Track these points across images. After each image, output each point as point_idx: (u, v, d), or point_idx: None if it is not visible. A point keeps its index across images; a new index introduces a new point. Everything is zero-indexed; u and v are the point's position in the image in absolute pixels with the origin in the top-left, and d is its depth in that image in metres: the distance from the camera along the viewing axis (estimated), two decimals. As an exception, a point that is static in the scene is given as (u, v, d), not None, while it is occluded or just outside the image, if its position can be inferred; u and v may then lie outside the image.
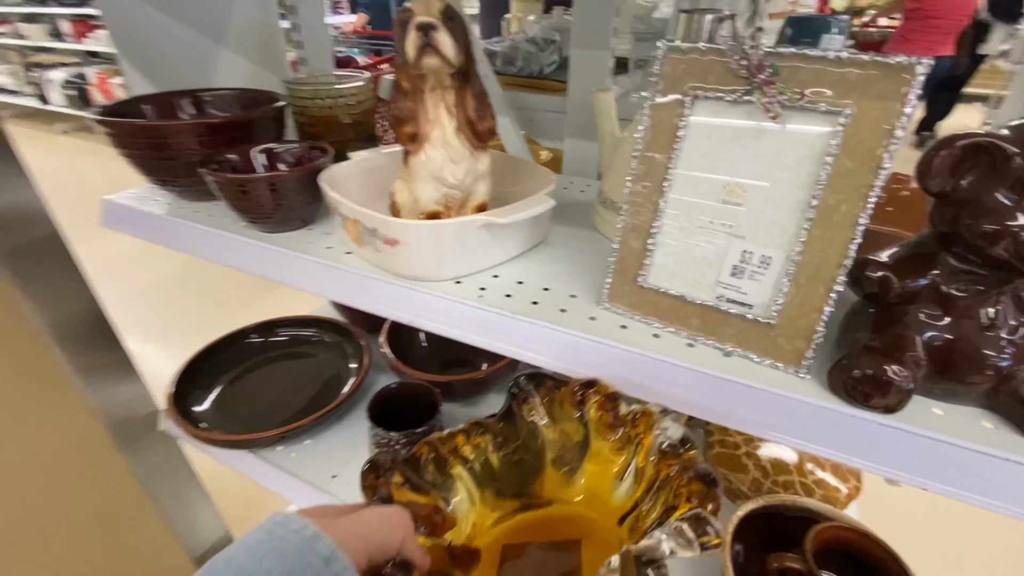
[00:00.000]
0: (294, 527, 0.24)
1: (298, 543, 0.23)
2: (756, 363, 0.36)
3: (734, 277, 0.36)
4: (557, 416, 0.37)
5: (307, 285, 0.49)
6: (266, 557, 0.22)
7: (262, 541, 0.23)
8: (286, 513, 0.25)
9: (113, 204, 0.61)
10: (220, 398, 0.76)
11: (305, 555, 0.23)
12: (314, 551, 0.23)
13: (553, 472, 0.37)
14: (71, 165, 3.78)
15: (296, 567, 0.22)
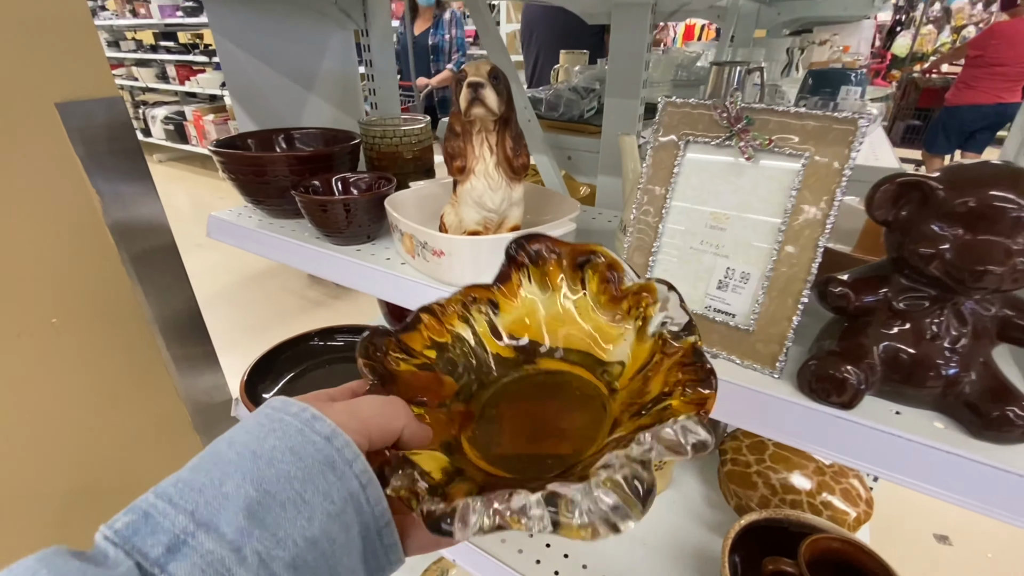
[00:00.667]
0: (293, 410, 0.24)
1: (298, 424, 0.23)
2: (738, 364, 0.42)
3: (720, 290, 0.43)
4: (552, 281, 0.34)
5: (369, 288, 0.59)
6: (268, 437, 0.22)
7: (262, 424, 0.23)
8: (283, 398, 0.25)
9: (216, 219, 0.74)
10: (284, 391, 0.87)
11: (306, 434, 0.23)
12: (314, 430, 0.23)
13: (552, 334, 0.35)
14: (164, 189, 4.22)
15: (298, 444, 0.22)
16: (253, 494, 0.20)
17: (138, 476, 0.84)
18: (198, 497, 0.20)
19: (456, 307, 0.34)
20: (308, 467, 0.22)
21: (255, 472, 0.21)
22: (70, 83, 0.63)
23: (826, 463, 0.69)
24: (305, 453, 0.22)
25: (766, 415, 0.40)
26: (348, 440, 0.23)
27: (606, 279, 0.32)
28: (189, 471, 0.22)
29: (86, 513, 0.79)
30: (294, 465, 0.22)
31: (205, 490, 0.20)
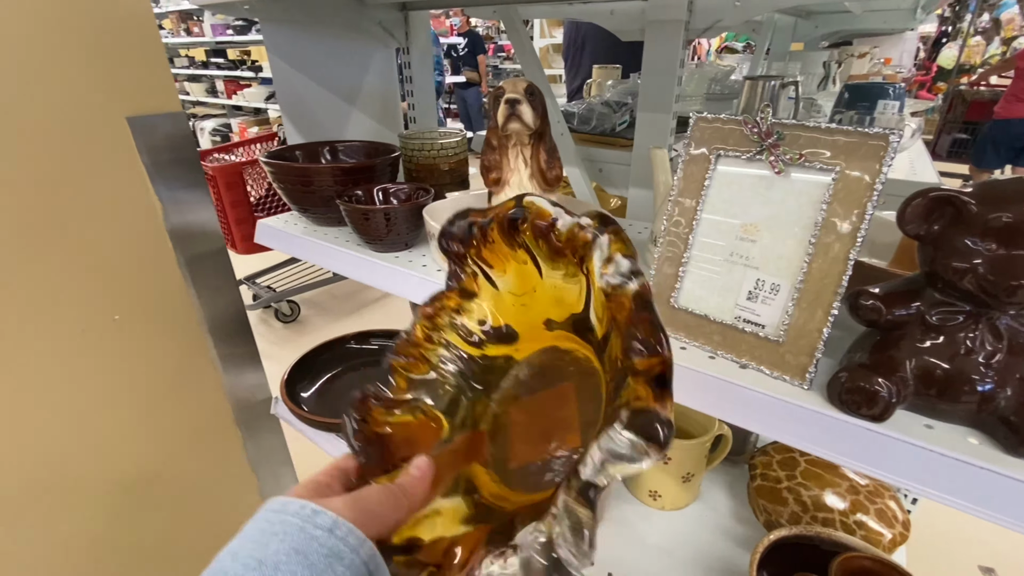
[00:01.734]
0: (292, 508, 0.24)
1: (299, 522, 0.23)
2: (767, 375, 0.43)
3: (749, 301, 0.44)
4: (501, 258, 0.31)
5: (405, 292, 0.62)
6: (270, 541, 0.23)
7: (264, 529, 0.23)
8: (282, 499, 0.25)
9: (265, 225, 0.79)
10: (320, 391, 0.90)
11: (308, 530, 0.23)
12: (316, 525, 0.23)
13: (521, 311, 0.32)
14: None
15: (302, 544, 0.22)
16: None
17: (184, 468, 0.88)
18: None
19: (423, 332, 0.33)
20: (314, 564, 0.22)
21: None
22: (140, 98, 0.68)
23: (861, 482, 0.68)
24: (310, 551, 0.22)
25: (795, 425, 0.40)
26: (351, 527, 0.24)
27: (540, 232, 0.28)
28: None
29: (140, 502, 0.84)
30: (300, 565, 0.22)
31: None
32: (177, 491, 0.89)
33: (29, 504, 0.71)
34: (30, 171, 0.62)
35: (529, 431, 0.31)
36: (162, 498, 0.87)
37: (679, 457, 0.67)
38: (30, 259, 0.65)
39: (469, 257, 0.32)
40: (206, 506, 0.94)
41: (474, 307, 0.33)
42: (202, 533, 0.95)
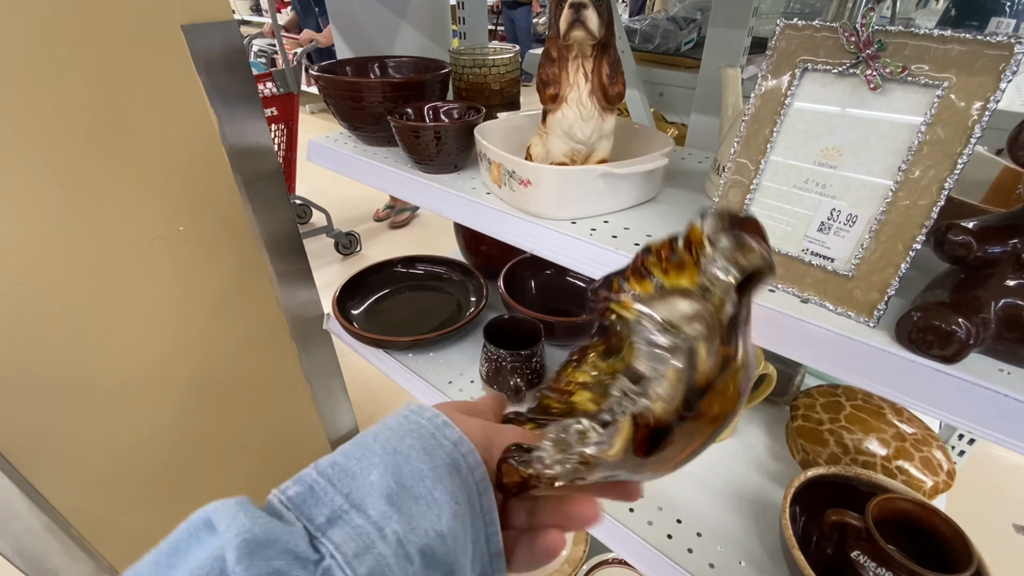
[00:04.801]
0: (427, 415, 0.27)
1: (431, 428, 0.26)
2: (830, 311, 0.41)
3: (820, 232, 0.41)
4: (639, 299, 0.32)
5: (454, 215, 0.62)
6: (406, 436, 0.25)
7: (401, 424, 0.26)
8: (420, 404, 0.28)
9: (315, 143, 0.79)
10: (369, 310, 0.94)
11: (436, 437, 0.26)
12: (444, 435, 0.26)
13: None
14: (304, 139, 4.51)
15: (430, 446, 0.25)
16: (393, 485, 0.23)
17: (247, 374, 0.95)
18: (351, 482, 0.23)
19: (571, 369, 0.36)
20: (437, 467, 0.24)
21: (395, 467, 0.24)
22: (193, 6, 0.67)
23: (908, 430, 0.66)
24: (435, 455, 0.25)
25: (857, 362, 0.39)
26: (472, 447, 0.26)
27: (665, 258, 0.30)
28: (342, 456, 0.25)
29: (210, 400, 0.92)
30: (426, 464, 0.24)
31: (356, 476, 0.23)
32: (242, 393, 0.97)
33: (120, 394, 0.79)
34: (91, 80, 0.63)
35: None
36: (229, 398, 0.95)
37: (720, 393, 0.67)
38: (101, 168, 0.68)
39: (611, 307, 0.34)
40: (267, 409, 1.03)
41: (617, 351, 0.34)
42: (264, 433, 1.05)
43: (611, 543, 0.64)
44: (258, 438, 1.04)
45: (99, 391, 0.77)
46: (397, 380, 0.85)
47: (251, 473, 1.06)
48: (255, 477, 1.07)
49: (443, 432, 0.26)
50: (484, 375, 0.77)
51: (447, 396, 0.78)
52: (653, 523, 0.63)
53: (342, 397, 1.17)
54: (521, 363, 0.73)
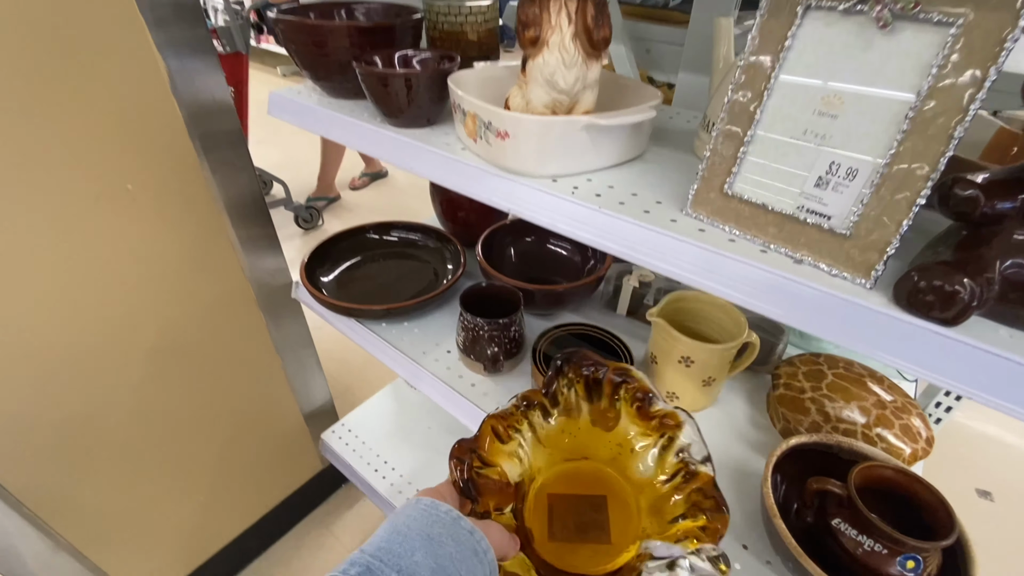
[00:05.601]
0: (443, 509, 0.32)
1: (449, 520, 0.32)
2: (824, 272, 0.38)
3: (817, 188, 0.38)
4: (594, 394, 0.42)
5: (427, 172, 0.57)
6: (433, 525, 0.31)
7: (425, 515, 0.32)
8: (430, 500, 0.33)
9: (277, 96, 0.73)
10: (339, 279, 0.89)
11: (457, 527, 0.31)
12: (461, 526, 0.32)
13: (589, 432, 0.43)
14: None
15: (454, 534, 0.31)
16: (433, 565, 0.29)
17: (209, 345, 0.91)
18: (400, 561, 0.29)
19: (514, 409, 0.41)
20: (463, 552, 0.30)
21: (431, 550, 0.29)
22: (132, -66, 0.60)
23: (888, 398, 0.66)
24: (459, 541, 0.31)
25: (852, 326, 0.36)
26: (483, 536, 0.32)
27: (638, 399, 0.40)
28: (385, 542, 0.30)
29: (175, 370, 0.87)
30: (455, 549, 0.30)
31: (403, 557, 0.29)
32: (207, 365, 0.92)
33: (70, 364, 0.74)
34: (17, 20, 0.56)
35: (566, 518, 0.39)
36: (193, 370, 0.90)
37: (703, 360, 0.65)
38: (35, 118, 0.61)
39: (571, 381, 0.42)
40: (235, 381, 0.98)
41: (554, 412, 0.42)
42: (232, 407, 1.01)
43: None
44: (226, 412, 1.00)
45: (45, 361, 0.72)
46: (370, 350, 0.81)
47: (219, 448, 1.02)
48: (223, 452, 1.03)
49: (459, 524, 0.32)
50: (461, 345, 0.74)
51: (422, 367, 0.75)
52: (633, 493, 0.62)
53: (315, 369, 1.13)
54: (499, 332, 0.70)
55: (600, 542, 0.37)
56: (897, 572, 0.47)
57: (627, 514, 0.39)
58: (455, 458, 0.37)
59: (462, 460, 0.37)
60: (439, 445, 1.15)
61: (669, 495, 0.38)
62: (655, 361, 0.70)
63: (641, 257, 0.44)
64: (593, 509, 0.39)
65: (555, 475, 0.41)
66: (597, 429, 0.42)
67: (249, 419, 1.05)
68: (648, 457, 0.40)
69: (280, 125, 3.77)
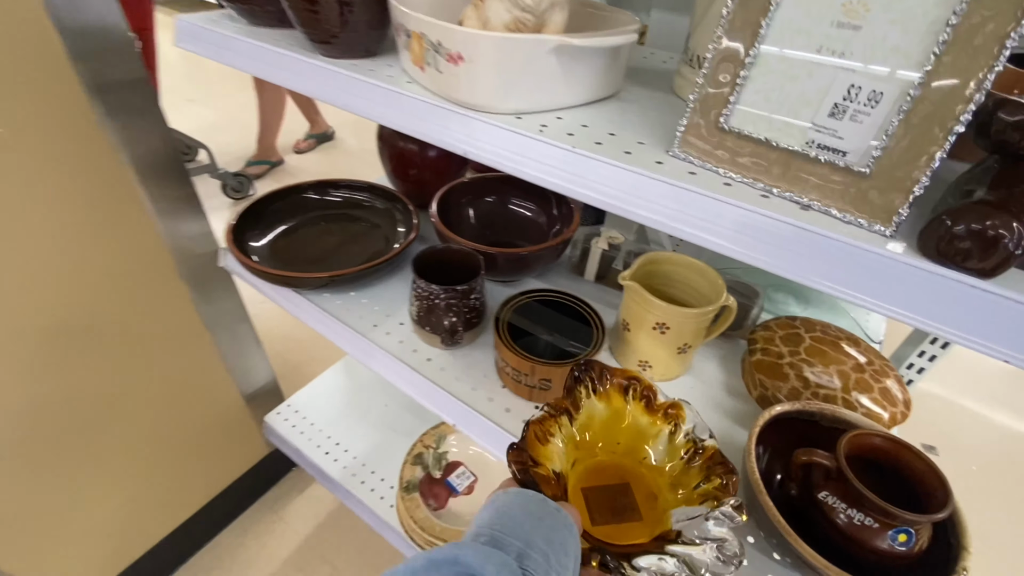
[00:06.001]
0: (530, 493, 0.35)
1: (539, 500, 0.34)
2: (836, 218, 0.33)
3: (832, 118, 0.32)
4: (608, 397, 0.48)
5: (367, 110, 0.48)
6: (529, 504, 0.34)
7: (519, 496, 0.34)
8: (517, 488, 0.36)
9: (185, 23, 0.61)
10: (274, 244, 0.79)
11: (547, 506, 0.34)
12: (549, 505, 0.34)
13: (607, 430, 0.48)
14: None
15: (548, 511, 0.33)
16: (544, 536, 0.31)
17: (123, 322, 0.79)
18: (518, 531, 0.31)
19: (550, 419, 0.44)
20: (558, 525, 0.33)
21: (538, 524, 0.32)
22: None
23: (865, 361, 0.63)
24: (554, 517, 0.33)
25: (869, 279, 0.31)
26: (567, 513, 0.34)
27: (644, 396, 0.47)
28: (497, 518, 0.32)
29: (70, 356, 0.75)
30: (552, 522, 0.33)
31: (518, 529, 0.31)
32: (123, 345, 0.80)
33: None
34: None
35: (601, 506, 0.43)
36: (105, 350, 0.78)
37: (678, 326, 0.60)
38: None
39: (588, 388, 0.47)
40: (158, 362, 0.87)
41: (577, 415, 0.46)
42: (158, 391, 0.89)
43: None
44: (148, 397, 0.89)
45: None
46: (312, 325, 0.72)
47: (145, 436, 0.91)
48: (150, 441, 0.92)
49: (548, 503, 0.34)
50: (415, 315, 0.66)
51: (372, 341, 0.67)
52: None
53: (253, 346, 1.03)
54: (457, 300, 0.62)
55: (634, 520, 0.43)
56: (888, 546, 0.44)
57: (651, 494, 0.45)
58: (514, 462, 0.39)
59: (521, 461, 0.40)
60: (397, 424, 1.08)
61: (685, 469, 0.44)
62: (627, 328, 0.65)
63: (621, 205, 0.38)
64: (622, 495, 0.45)
65: (583, 471, 0.46)
66: (613, 426, 0.47)
67: (179, 403, 0.94)
68: (659, 443, 0.46)
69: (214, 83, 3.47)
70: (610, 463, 0.47)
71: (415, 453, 0.94)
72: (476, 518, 0.33)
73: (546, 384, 0.59)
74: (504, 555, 0.28)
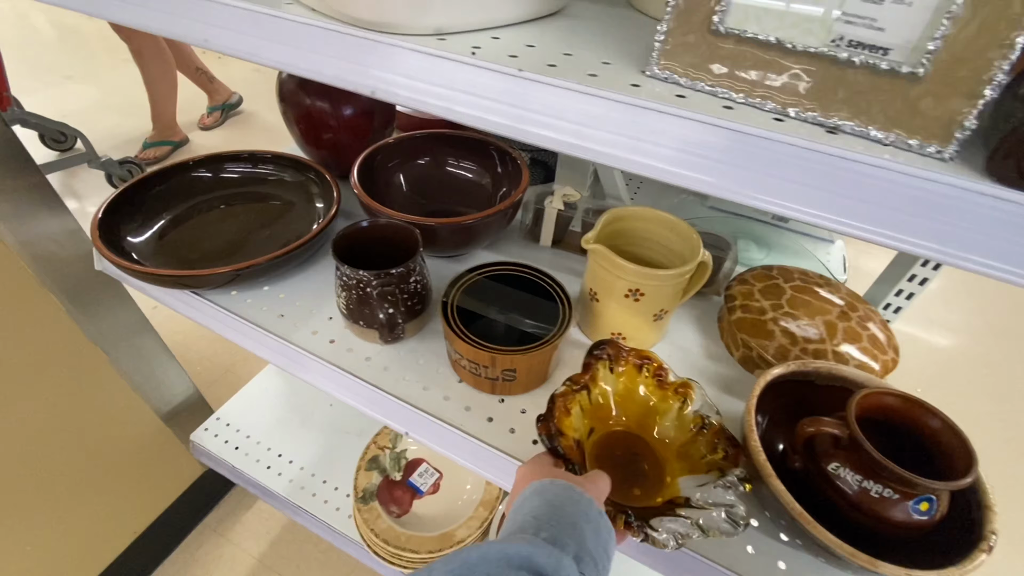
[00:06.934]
0: (561, 484, 0.35)
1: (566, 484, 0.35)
2: (876, 141, 0.25)
3: (868, 1, 0.23)
4: (622, 373, 0.50)
5: (232, 45, 0.35)
6: (568, 490, 0.35)
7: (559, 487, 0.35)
8: (549, 480, 0.36)
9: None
10: (162, 237, 0.64)
11: (575, 494, 0.34)
12: (579, 494, 0.35)
13: (621, 403, 0.51)
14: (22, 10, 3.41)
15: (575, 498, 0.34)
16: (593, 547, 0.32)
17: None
18: (576, 535, 0.32)
19: (571, 392, 0.47)
20: (607, 538, 0.34)
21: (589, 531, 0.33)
22: None
23: (845, 307, 0.58)
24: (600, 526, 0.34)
25: (927, 219, 0.23)
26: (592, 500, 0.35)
27: (657, 375, 0.50)
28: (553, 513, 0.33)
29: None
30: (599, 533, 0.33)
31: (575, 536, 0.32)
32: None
33: None
34: None
35: (615, 473, 0.43)
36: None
37: (653, 292, 0.53)
38: None
39: (606, 364, 0.50)
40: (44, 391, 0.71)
41: (594, 389, 0.49)
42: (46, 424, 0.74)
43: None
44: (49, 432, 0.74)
45: None
46: (220, 331, 0.60)
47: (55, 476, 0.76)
48: (53, 480, 0.77)
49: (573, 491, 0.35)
50: (344, 309, 0.55)
51: (296, 345, 0.56)
52: (587, 466, 0.49)
53: (162, 357, 0.88)
54: (393, 286, 0.52)
55: (645, 487, 0.46)
56: (908, 517, 0.39)
57: (659, 463, 0.48)
58: (544, 433, 0.42)
59: (549, 430, 0.43)
60: (347, 424, 0.97)
61: (692, 441, 0.47)
62: (595, 298, 0.56)
63: (591, 146, 0.28)
64: (633, 463, 0.48)
65: (598, 440, 0.49)
66: (626, 399, 0.50)
67: (84, 435, 0.79)
68: (668, 418, 0.49)
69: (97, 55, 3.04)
70: (622, 433, 0.50)
71: (369, 457, 0.84)
72: (522, 504, 0.34)
73: (510, 375, 0.50)
74: (568, 559, 0.30)
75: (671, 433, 0.49)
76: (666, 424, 0.49)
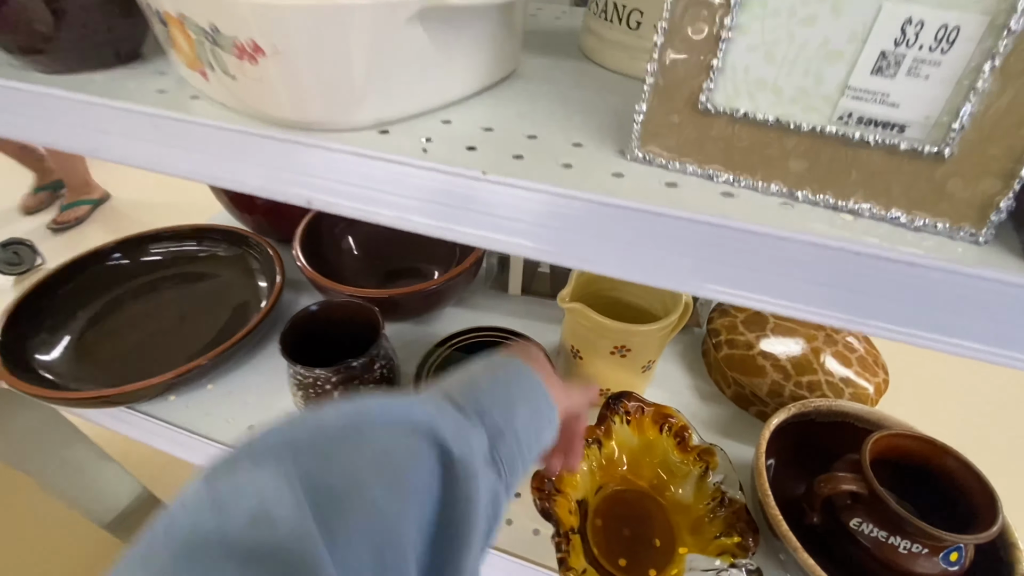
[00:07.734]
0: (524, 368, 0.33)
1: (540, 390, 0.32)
2: (899, 224, 0.22)
3: (879, 75, 0.20)
4: (641, 429, 0.48)
5: (123, 153, 0.29)
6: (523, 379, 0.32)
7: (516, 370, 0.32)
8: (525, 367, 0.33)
9: None
10: (81, 343, 0.56)
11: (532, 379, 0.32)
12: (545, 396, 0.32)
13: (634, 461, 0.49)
14: None
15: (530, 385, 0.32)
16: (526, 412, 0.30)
17: None
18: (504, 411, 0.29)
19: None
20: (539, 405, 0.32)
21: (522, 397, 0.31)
22: None
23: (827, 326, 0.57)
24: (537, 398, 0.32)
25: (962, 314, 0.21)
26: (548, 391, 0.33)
27: (679, 435, 0.47)
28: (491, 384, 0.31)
29: None
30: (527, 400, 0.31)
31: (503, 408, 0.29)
32: None
33: None
34: None
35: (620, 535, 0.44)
36: None
37: (639, 346, 0.49)
38: None
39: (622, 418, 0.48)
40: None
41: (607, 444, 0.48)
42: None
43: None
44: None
45: None
46: (159, 445, 0.52)
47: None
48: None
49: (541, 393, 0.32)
50: (303, 408, 0.49)
51: (249, 453, 0.49)
52: (594, 549, 0.45)
53: (100, 466, 0.78)
54: (356, 379, 0.46)
55: (649, 555, 0.43)
56: (938, 570, 0.37)
57: (669, 532, 0.45)
58: (536, 489, 0.40)
59: (542, 489, 0.41)
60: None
61: (707, 517, 0.43)
62: (578, 356, 0.53)
63: (577, 253, 0.24)
64: (640, 527, 0.45)
65: (606, 496, 0.47)
66: (642, 456, 0.48)
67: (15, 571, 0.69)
68: (686, 483, 0.46)
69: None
70: (634, 493, 0.48)
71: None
72: (471, 368, 0.32)
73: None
74: (481, 434, 0.27)
75: (687, 500, 0.46)
76: (683, 491, 0.46)
